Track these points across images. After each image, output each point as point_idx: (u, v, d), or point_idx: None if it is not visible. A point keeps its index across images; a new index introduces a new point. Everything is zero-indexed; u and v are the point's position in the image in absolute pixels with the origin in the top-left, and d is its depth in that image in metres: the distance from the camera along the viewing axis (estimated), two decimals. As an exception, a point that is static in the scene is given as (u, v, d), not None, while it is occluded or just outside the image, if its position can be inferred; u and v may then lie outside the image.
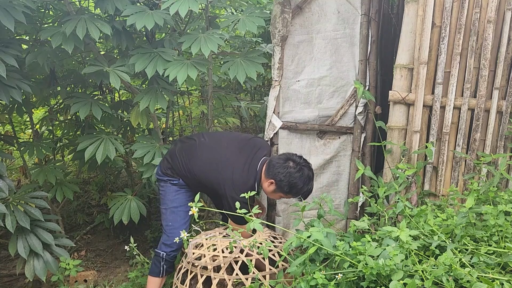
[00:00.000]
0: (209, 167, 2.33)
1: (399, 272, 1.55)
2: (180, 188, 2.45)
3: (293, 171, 2.22)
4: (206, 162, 2.35)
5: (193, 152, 2.42)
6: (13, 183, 2.48)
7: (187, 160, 2.40)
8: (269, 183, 2.28)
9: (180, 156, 2.43)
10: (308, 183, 2.27)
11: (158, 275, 2.46)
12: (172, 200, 2.44)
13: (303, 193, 2.29)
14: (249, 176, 2.28)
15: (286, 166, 2.24)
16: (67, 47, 2.52)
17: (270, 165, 2.28)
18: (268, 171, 2.28)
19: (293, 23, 2.73)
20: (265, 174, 2.29)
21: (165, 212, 2.47)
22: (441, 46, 2.44)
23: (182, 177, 2.42)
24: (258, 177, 2.31)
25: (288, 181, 2.22)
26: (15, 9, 2.36)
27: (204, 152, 2.39)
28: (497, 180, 2.20)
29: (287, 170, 2.22)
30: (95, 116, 2.82)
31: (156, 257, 2.47)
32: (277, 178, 2.23)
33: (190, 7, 2.39)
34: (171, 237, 2.41)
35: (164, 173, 2.46)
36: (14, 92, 2.52)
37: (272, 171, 2.25)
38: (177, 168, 2.42)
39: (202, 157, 2.38)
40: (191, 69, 2.57)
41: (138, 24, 2.49)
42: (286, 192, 2.26)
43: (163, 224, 2.49)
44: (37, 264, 2.51)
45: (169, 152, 2.54)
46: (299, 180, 2.23)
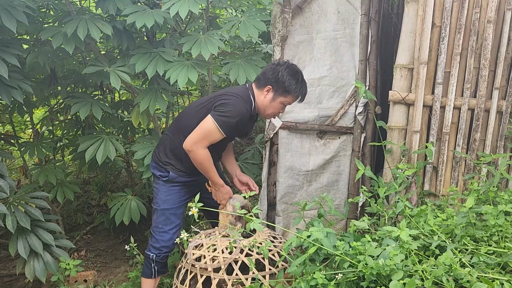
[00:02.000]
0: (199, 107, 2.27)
1: (399, 272, 1.55)
2: (173, 187, 2.38)
3: (284, 69, 2.21)
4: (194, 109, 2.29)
5: (179, 116, 2.39)
6: (14, 183, 2.48)
7: (176, 125, 2.35)
8: (266, 91, 2.24)
9: (169, 131, 2.39)
10: (301, 79, 2.25)
11: (150, 276, 2.43)
12: (164, 200, 2.38)
13: (301, 90, 2.26)
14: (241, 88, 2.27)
15: (276, 68, 2.23)
16: (68, 47, 2.52)
17: (260, 77, 2.27)
18: (259, 82, 2.26)
19: (293, 23, 2.73)
20: (258, 87, 2.26)
21: (156, 212, 2.41)
22: (441, 46, 2.44)
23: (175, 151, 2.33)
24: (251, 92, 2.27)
25: (283, 78, 2.19)
26: (17, 9, 2.36)
27: (188, 107, 2.36)
28: (497, 180, 2.20)
29: (278, 70, 2.21)
30: (96, 116, 2.82)
31: (146, 259, 2.43)
32: (273, 80, 2.21)
33: (190, 9, 2.40)
34: (159, 240, 2.37)
35: (156, 163, 2.40)
36: (16, 93, 2.52)
37: (264, 78, 2.24)
38: (168, 143, 2.35)
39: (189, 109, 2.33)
40: (192, 71, 2.58)
41: (138, 23, 2.49)
42: (286, 91, 2.22)
43: (152, 225, 2.44)
44: (37, 265, 2.51)
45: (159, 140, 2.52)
46: (293, 77, 2.21)
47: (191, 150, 2.18)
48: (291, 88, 2.22)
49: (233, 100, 2.18)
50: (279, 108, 2.29)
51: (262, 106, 2.27)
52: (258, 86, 2.26)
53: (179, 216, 2.42)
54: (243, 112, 2.18)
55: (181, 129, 2.29)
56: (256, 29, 2.61)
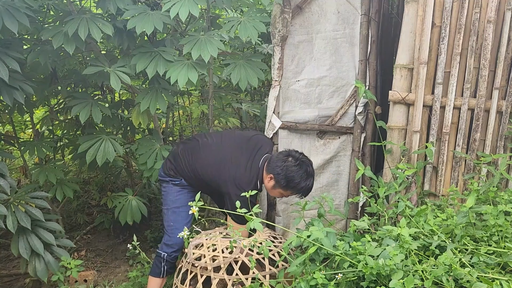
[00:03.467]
0: (213, 166, 2.35)
1: (399, 272, 1.55)
2: (182, 189, 2.46)
3: (290, 165, 2.23)
4: (210, 162, 2.37)
5: (196, 152, 2.43)
6: (15, 182, 2.47)
7: (191, 161, 2.41)
8: (269, 178, 2.29)
9: (183, 157, 2.44)
10: (306, 178, 2.25)
11: (159, 276, 2.46)
12: (174, 200, 2.45)
13: (302, 190, 2.28)
14: (252, 174, 2.30)
15: (285, 160, 2.26)
16: (69, 47, 2.52)
17: (270, 161, 2.31)
18: (268, 166, 2.30)
19: (293, 23, 2.73)
20: (266, 170, 2.32)
21: (167, 213, 2.48)
22: (441, 46, 2.44)
23: (185, 177, 2.43)
24: (260, 175, 2.33)
25: (285, 175, 2.22)
26: (18, 11, 2.36)
27: (207, 152, 2.41)
28: (497, 180, 2.20)
29: (285, 164, 2.23)
30: (95, 120, 2.83)
31: (157, 258, 2.47)
32: (275, 172, 2.24)
33: (190, 11, 2.40)
34: (173, 237, 2.41)
35: (166, 173, 2.48)
36: (17, 94, 2.52)
37: (272, 166, 2.27)
38: (181, 169, 2.43)
39: (206, 157, 2.39)
40: (192, 71, 2.58)
41: (138, 28, 2.50)
42: (284, 186, 2.25)
43: (164, 225, 2.49)
44: (38, 265, 2.51)
45: (172, 153, 2.56)
46: (296, 174, 2.22)
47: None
48: (289, 187, 2.25)
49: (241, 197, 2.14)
50: (279, 196, 2.37)
51: (266, 186, 2.36)
52: (266, 169, 2.32)
53: (190, 215, 2.45)
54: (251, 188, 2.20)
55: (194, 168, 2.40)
56: (256, 30, 2.61)
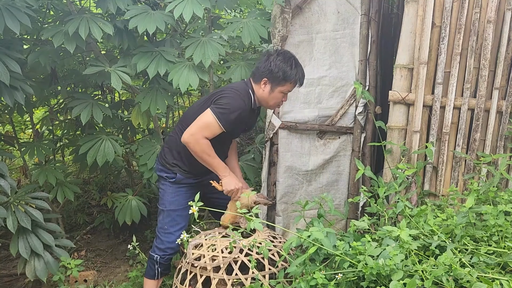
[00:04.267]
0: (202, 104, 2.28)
1: (399, 272, 1.55)
2: (179, 188, 2.39)
3: (275, 58, 2.21)
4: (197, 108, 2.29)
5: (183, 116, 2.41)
6: (15, 183, 2.48)
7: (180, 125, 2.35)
8: (263, 84, 2.25)
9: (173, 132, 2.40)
10: (296, 63, 2.24)
11: (154, 278, 2.43)
12: (170, 202, 2.38)
13: (297, 76, 2.25)
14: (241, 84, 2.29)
15: (267, 59, 2.23)
16: (69, 46, 2.52)
17: (254, 73, 2.29)
18: (255, 77, 2.27)
19: (293, 23, 2.73)
20: (255, 82, 2.28)
21: (162, 214, 2.41)
22: (441, 46, 2.44)
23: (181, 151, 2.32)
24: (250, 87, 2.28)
25: (277, 68, 2.19)
26: (19, 11, 2.35)
27: (192, 107, 2.37)
28: (497, 180, 2.20)
29: (270, 61, 2.21)
30: (97, 120, 2.83)
31: (150, 260, 2.43)
32: (267, 72, 2.21)
33: (194, 11, 2.40)
34: (165, 241, 2.37)
35: (162, 164, 2.39)
36: (18, 94, 2.52)
37: (259, 72, 2.25)
38: (174, 144, 2.35)
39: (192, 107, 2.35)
40: (193, 74, 2.58)
41: (140, 28, 2.50)
42: (282, 79, 2.22)
43: (158, 226, 2.43)
44: (37, 265, 2.51)
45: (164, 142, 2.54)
46: (286, 64, 2.20)
47: (189, 142, 2.17)
48: (286, 76, 2.21)
49: (231, 94, 2.19)
50: (280, 97, 2.30)
51: (262, 98, 2.29)
52: (254, 80, 2.28)
53: (185, 218, 2.41)
54: (241, 106, 2.19)
55: (185, 127, 2.28)
56: (258, 34, 2.62)
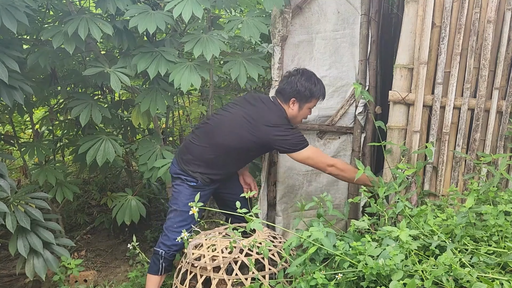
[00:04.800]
0: (237, 130, 2.35)
1: (399, 272, 1.55)
2: (196, 191, 2.38)
3: (299, 79, 2.41)
4: (230, 129, 2.37)
5: (210, 131, 2.41)
6: (14, 183, 2.48)
7: (209, 140, 2.38)
8: (291, 103, 2.43)
9: (199, 142, 2.41)
10: (317, 80, 2.45)
11: (157, 273, 2.45)
12: (185, 203, 2.38)
13: (321, 90, 2.46)
14: (276, 109, 2.43)
15: (292, 81, 2.42)
16: (69, 47, 2.52)
17: (281, 93, 2.45)
18: (283, 97, 2.44)
19: (293, 23, 2.73)
20: (283, 102, 2.45)
21: (174, 213, 2.43)
22: (441, 46, 2.44)
23: (204, 165, 2.39)
24: (283, 110, 2.44)
25: (304, 88, 2.39)
26: (18, 10, 2.36)
27: (221, 124, 2.40)
28: (497, 180, 2.20)
29: (295, 82, 2.40)
30: (95, 121, 2.83)
31: (155, 255, 2.45)
32: (295, 92, 2.40)
33: (194, 12, 2.40)
34: (172, 238, 2.39)
35: (182, 169, 2.42)
36: (17, 94, 2.52)
37: (286, 93, 2.42)
38: (199, 155, 2.39)
39: (223, 128, 2.39)
40: (194, 74, 2.59)
41: (140, 27, 2.49)
42: (309, 97, 2.43)
43: (167, 223, 2.44)
44: (37, 263, 2.51)
45: (183, 147, 2.50)
46: (309, 82, 2.41)
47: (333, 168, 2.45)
48: (312, 93, 2.43)
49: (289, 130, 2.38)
50: (307, 113, 2.53)
51: (292, 116, 2.47)
52: (283, 101, 2.46)
53: (194, 218, 2.42)
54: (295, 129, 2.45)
55: (217, 145, 2.39)
56: (258, 30, 2.62)
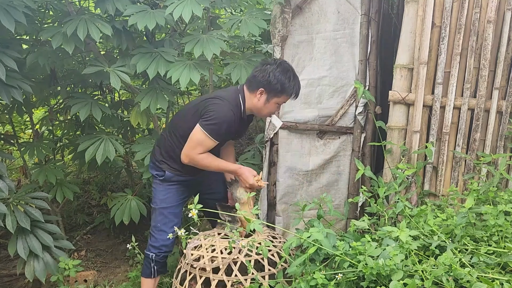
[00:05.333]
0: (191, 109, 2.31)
1: (399, 272, 1.55)
2: (170, 186, 2.39)
3: (274, 69, 2.18)
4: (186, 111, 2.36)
5: (174, 117, 2.47)
6: (13, 183, 2.47)
7: (171, 126, 2.40)
8: (259, 94, 2.21)
9: (164, 131, 2.45)
10: (293, 76, 2.22)
11: (150, 276, 2.43)
12: (162, 200, 2.39)
13: (294, 88, 2.23)
14: (231, 92, 2.27)
15: (265, 69, 2.20)
16: (68, 47, 2.52)
17: (250, 80, 2.25)
18: (251, 85, 2.23)
19: (293, 23, 2.73)
20: (250, 90, 2.24)
21: (154, 212, 2.43)
22: (441, 46, 2.44)
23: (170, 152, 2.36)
24: (242, 96, 2.25)
25: (275, 79, 2.17)
26: (16, 9, 2.36)
27: (182, 109, 2.45)
28: (497, 180, 2.20)
29: (268, 71, 2.18)
30: (95, 118, 2.82)
31: (146, 258, 2.43)
32: (264, 82, 2.18)
33: (193, 11, 2.40)
34: (159, 239, 2.38)
35: (153, 163, 2.44)
36: (15, 92, 2.52)
37: (256, 81, 2.21)
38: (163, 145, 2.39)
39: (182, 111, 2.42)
40: (194, 71, 2.58)
41: (139, 24, 2.49)
42: (279, 92, 2.19)
43: (151, 224, 2.44)
44: (36, 265, 2.51)
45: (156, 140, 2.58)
46: (284, 75, 2.18)
47: (190, 161, 2.25)
48: (284, 89, 2.20)
49: (219, 106, 2.19)
50: (274, 108, 2.29)
51: (256, 108, 2.27)
52: (249, 89, 2.25)
53: (178, 215, 2.42)
54: (229, 117, 2.19)
55: (175, 130, 2.36)
56: (257, 26, 2.61)
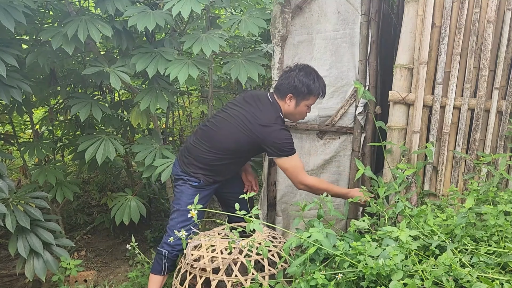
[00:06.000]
0: (236, 132, 2.37)
1: (399, 272, 1.55)
2: (199, 190, 2.44)
3: (298, 74, 2.35)
4: (229, 131, 2.39)
5: (210, 134, 2.45)
6: (13, 183, 2.47)
7: (209, 143, 2.42)
8: (288, 99, 2.38)
9: (200, 145, 2.44)
10: (317, 76, 2.39)
11: (160, 273, 2.46)
12: (188, 203, 2.40)
13: (320, 88, 2.39)
14: (272, 109, 2.38)
15: (290, 75, 2.37)
16: (68, 48, 2.52)
17: (278, 89, 2.41)
18: (280, 93, 2.40)
19: (293, 23, 2.73)
20: (280, 98, 2.40)
21: (176, 213, 2.45)
22: (441, 46, 2.44)
23: (206, 167, 2.42)
24: (278, 107, 2.40)
25: (301, 83, 2.33)
26: (16, 9, 2.36)
27: (221, 127, 2.43)
28: (497, 180, 2.20)
29: (293, 77, 2.35)
30: (96, 118, 2.82)
31: (158, 255, 2.46)
32: (291, 88, 2.34)
33: (192, 8, 2.39)
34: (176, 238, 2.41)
35: (184, 171, 2.46)
36: (15, 92, 2.52)
37: (283, 89, 2.38)
38: (200, 157, 2.42)
39: (222, 131, 2.41)
40: (192, 68, 2.57)
41: (139, 25, 2.49)
42: (307, 94, 2.36)
43: (170, 224, 2.47)
44: (37, 264, 2.51)
45: (185, 149, 2.54)
46: (308, 78, 2.35)
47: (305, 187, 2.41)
48: (310, 90, 2.36)
49: (281, 132, 2.33)
50: (305, 110, 2.45)
51: (289, 113, 2.43)
52: (279, 97, 2.41)
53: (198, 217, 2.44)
54: (288, 132, 2.38)
55: (216, 147, 2.41)
56: (256, 25, 2.61)
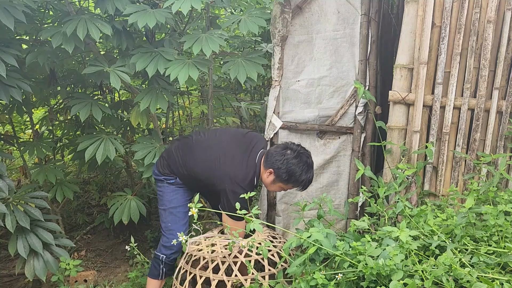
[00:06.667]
0: (206, 163, 2.31)
1: (399, 272, 1.55)
2: (178, 188, 2.43)
3: (290, 158, 2.20)
4: (203, 158, 2.33)
5: (189, 149, 2.39)
6: (13, 183, 2.47)
7: (184, 158, 2.37)
8: (268, 173, 2.24)
9: (177, 154, 2.41)
10: (307, 170, 2.22)
11: (158, 278, 2.45)
12: (170, 200, 2.42)
13: (303, 182, 2.25)
14: (248, 169, 2.26)
15: (284, 153, 2.22)
16: (68, 47, 2.52)
17: (268, 155, 2.26)
18: (266, 161, 2.26)
19: (293, 23, 2.73)
20: (264, 165, 2.27)
21: (163, 213, 2.44)
22: (441, 46, 2.44)
23: (179, 174, 2.39)
24: (258, 170, 2.28)
25: (286, 169, 2.18)
26: (16, 8, 2.36)
27: (200, 149, 2.37)
28: (497, 180, 2.20)
29: (284, 157, 2.20)
30: (96, 118, 2.82)
31: (155, 259, 2.45)
32: (275, 166, 2.20)
33: (192, 5, 2.39)
34: (171, 238, 2.38)
35: (161, 172, 2.44)
36: (14, 92, 2.52)
37: (270, 160, 2.23)
38: (174, 166, 2.39)
39: (199, 154, 2.36)
40: (192, 69, 2.57)
41: (139, 23, 2.49)
42: (285, 180, 2.22)
43: (161, 226, 2.47)
44: (37, 264, 2.51)
45: (166, 151, 2.53)
46: (297, 167, 2.19)
47: None
48: (290, 180, 2.22)
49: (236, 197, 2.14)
50: (278, 190, 2.35)
51: (264, 182, 2.32)
52: (264, 164, 2.28)
53: (186, 214, 2.43)
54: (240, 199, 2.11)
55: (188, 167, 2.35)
56: (256, 24, 2.60)
